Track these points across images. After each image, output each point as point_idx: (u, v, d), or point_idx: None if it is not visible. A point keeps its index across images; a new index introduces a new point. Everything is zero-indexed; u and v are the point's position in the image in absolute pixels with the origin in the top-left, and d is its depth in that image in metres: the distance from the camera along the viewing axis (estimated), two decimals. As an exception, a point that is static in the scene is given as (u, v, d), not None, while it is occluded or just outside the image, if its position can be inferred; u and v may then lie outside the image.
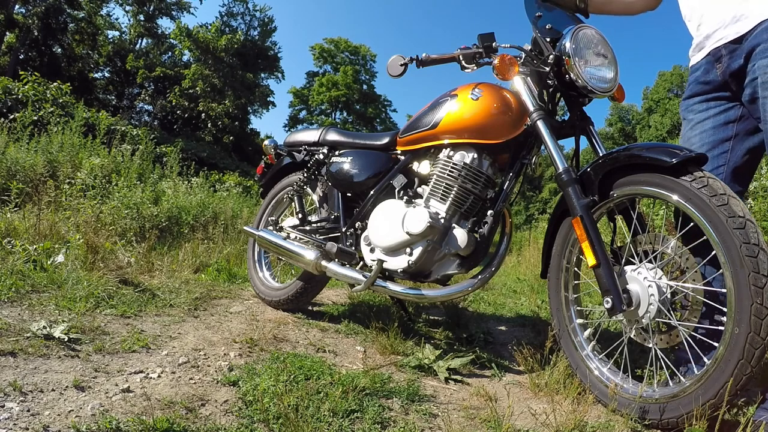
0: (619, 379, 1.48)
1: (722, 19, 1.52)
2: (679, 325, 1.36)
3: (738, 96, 1.54)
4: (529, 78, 1.75)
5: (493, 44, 1.76)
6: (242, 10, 32.10)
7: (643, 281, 1.40)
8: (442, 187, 1.84)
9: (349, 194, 2.28)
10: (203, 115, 28.36)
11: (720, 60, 1.54)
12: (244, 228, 2.74)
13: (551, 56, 1.67)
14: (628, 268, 1.46)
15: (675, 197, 1.32)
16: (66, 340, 1.54)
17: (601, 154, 1.60)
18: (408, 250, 1.85)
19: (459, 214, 1.84)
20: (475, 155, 1.82)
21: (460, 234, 1.78)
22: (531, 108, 1.69)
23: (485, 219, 1.81)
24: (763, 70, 1.39)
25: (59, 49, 25.33)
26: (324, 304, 2.84)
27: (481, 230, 1.81)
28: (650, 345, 1.42)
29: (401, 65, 1.83)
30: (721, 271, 1.26)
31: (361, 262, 2.09)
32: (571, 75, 1.62)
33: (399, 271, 1.89)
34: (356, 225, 2.15)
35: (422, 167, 1.99)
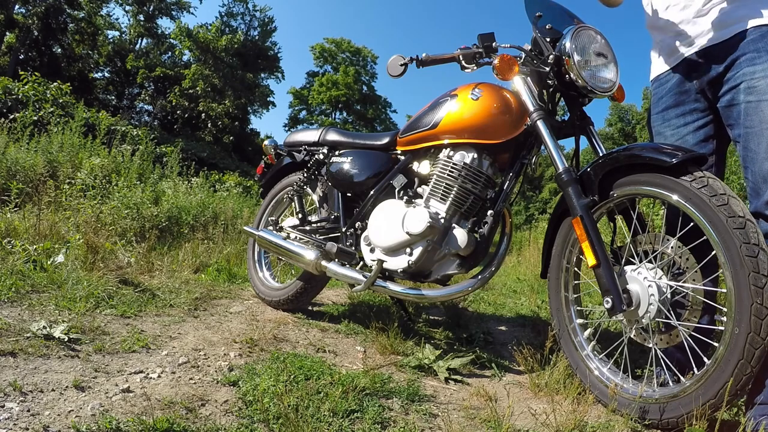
0: (619, 379, 1.48)
1: (699, 27, 1.52)
2: (679, 325, 1.36)
3: (713, 105, 1.55)
4: (529, 78, 1.75)
5: (493, 44, 1.76)
6: (242, 10, 32.11)
7: (643, 281, 1.40)
8: (442, 187, 1.84)
9: (349, 194, 2.28)
10: (203, 115, 28.36)
11: (697, 68, 1.54)
12: (244, 228, 2.75)
13: (551, 56, 1.67)
14: (628, 268, 1.46)
15: (675, 197, 1.32)
16: (66, 340, 1.54)
17: (601, 154, 1.60)
18: (408, 250, 1.85)
19: (459, 214, 1.84)
20: (475, 155, 1.82)
21: (460, 234, 1.78)
22: (531, 108, 1.69)
23: (485, 219, 1.81)
24: (750, 77, 1.40)
25: (59, 49, 25.34)
26: (324, 304, 2.84)
27: (481, 230, 1.81)
28: (650, 345, 1.42)
29: (401, 65, 1.83)
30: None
31: (361, 262, 2.09)
32: (571, 75, 1.62)
33: (399, 271, 1.89)
34: (356, 225, 2.15)
35: (422, 167, 1.99)
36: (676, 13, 1.59)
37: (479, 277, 1.82)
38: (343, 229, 2.21)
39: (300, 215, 2.47)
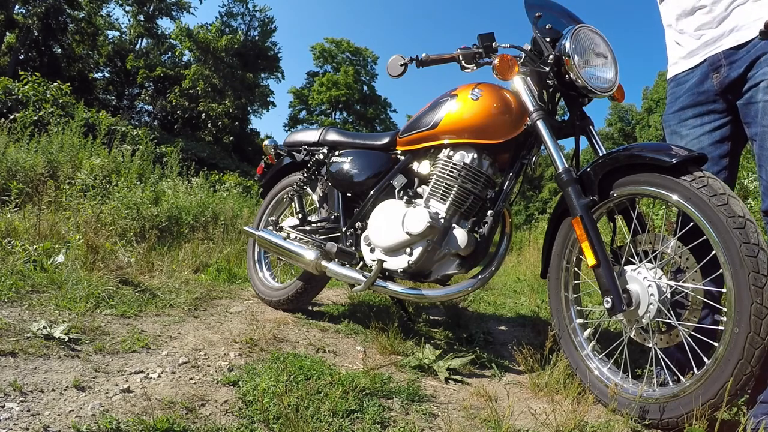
0: (619, 379, 1.48)
1: (722, 27, 1.51)
2: (679, 325, 1.36)
3: (732, 107, 1.53)
4: (529, 78, 1.75)
5: (493, 44, 1.76)
6: (242, 10, 32.10)
7: (643, 281, 1.40)
8: (442, 187, 1.84)
9: (349, 194, 2.28)
10: (203, 115, 28.35)
11: (718, 69, 1.52)
12: (244, 228, 2.75)
13: (551, 56, 1.67)
14: (628, 268, 1.46)
15: (675, 197, 1.32)
16: (66, 340, 1.54)
17: (601, 154, 1.60)
18: (408, 250, 1.85)
19: (459, 214, 1.84)
20: (475, 155, 1.82)
21: (460, 234, 1.78)
22: (531, 108, 1.69)
23: (485, 219, 1.81)
24: None
25: (59, 49, 25.34)
26: (324, 304, 2.84)
27: (481, 230, 1.81)
28: (650, 345, 1.42)
29: (401, 65, 1.83)
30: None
31: (361, 262, 2.09)
32: (571, 75, 1.62)
33: (399, 271, 1.89)
34: (356, 225, 2.15)
35: (422, 167, 1.99)
36: (700, 17, 1.57)
37: (479, 277, 1.82)
38: (343, 229, 2.21)
39: (300, 215, 2.47)
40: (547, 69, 1.69)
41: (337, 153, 2.35)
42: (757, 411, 1.28)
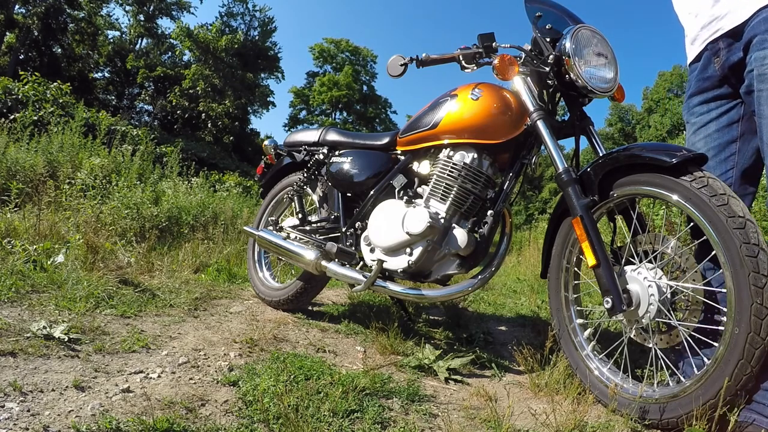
0: (619, 379, 1.48)
1: (718, 10, 1.48)
2: (679, 325, 1.36)
3: (738, 91, 1.49)
4: (529, 78, 1.75)
5: (493, 44, 1.76)
6: (242, 10, 32.10)
7: (643, 281, 1.40)
8: (442, 187, 1.84)
9: (349, 194, 2.28)
10: (203, 115, 28.35)
11: (718, 54, 1.50)
12: (244, 228, 2.75)
13: (551, 56, 1.67)
14: (628, 268, 1.46)
15: (675, 197, 1.32)
16: (66, 340, 1.54)
17: (601, 154, 1.60)
18: (408, 250, 1.85)
19: (459, 214, 1.84)
20: (475, 155, 1.82)
21: (460, 234, 1.78)
22: (531, 108, 1.69)
23: (485, 219, 1.81)
24: (760, 62, 1.34)
25: (59, 49, 25.35)
26: (324, 304, 2.84)
27: (481, 230, 1.81)
28: (650, 345, 1.42)
29: (401, 65, 1.83)
30: (721, 270, 1.26)
31: (361, 262, 2.09)
32: (571, 75, 1.62)
33: (399, 271, 1.89)
34: (356, 225, 2.15)
35: (422, 167, 2.00)
36: None
37: (479, 277, 1.82)
38: (343, 229, 2.21)
39: (300, 215, 2.47)
40: (547, 69, 1.69)
41: (337, 153, 2.35)
42: (748, 409, 1.28)
